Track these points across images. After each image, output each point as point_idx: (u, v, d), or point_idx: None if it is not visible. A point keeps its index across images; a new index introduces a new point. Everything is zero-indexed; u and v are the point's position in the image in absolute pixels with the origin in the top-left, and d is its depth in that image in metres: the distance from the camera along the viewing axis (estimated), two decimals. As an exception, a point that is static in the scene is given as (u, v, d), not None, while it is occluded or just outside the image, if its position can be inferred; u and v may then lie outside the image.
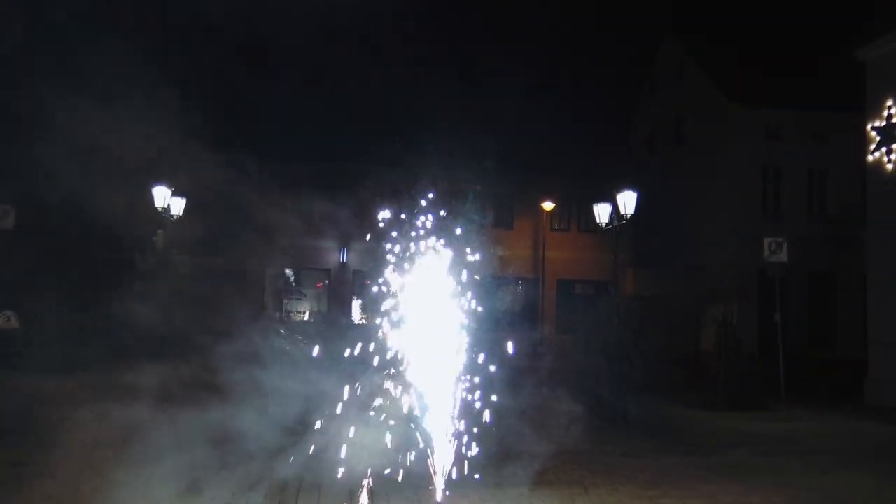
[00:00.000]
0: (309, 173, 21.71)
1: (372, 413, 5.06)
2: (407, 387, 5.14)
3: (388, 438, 5.01)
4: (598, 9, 62.24)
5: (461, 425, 5.26)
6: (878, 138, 15.48)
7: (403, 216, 5.36)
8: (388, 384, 5.15)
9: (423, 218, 5.34)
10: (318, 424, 5.16)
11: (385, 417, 5.08)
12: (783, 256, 15.42)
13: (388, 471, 5.08)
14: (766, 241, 15.65)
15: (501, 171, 24.17)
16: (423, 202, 5.33)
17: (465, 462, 5.31)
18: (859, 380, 15.27)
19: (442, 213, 5.35)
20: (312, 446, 5.17)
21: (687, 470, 8.14)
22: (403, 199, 5.40)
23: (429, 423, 5.16)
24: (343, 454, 4.87)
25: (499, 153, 23.74)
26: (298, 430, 6.15)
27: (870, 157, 15.75)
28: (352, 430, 4.89)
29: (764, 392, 13.79)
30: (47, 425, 9.42)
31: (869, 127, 15.73)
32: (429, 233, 5.31)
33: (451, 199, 5.49)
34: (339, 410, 4.93)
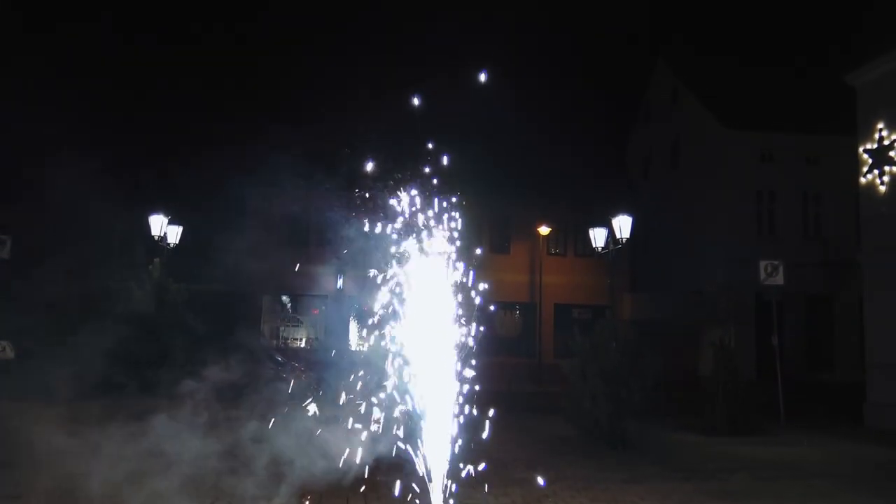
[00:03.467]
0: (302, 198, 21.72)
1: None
2: (405, 413, 5.14)
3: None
4: (594, 34, 62.99)
5: (459, 449, 5.24)
6: (870, 161, 15.61)
7: (398, 240, 5.38)
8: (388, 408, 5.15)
9: (419, 243, 5.36)
10: None
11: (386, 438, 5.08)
12: (780, 279, 15.41)
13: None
14: (763, 263, 15.65)
15: (498, 196, 24.30)
16: (419, 226, 5.36)
17: (464, 487, 5.28)
18: (858, 403, 15.23)
19: (439, 237, 5.37)
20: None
21: (687, 495, 8.07)
22: (399, 221, 5.43)
23: (427, 447, 5.14)
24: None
25: (495, 177, 23.87)
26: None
27: (862, 180, 15.87)
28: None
29: (763, 416, 13.72)
30: (41, 457, 9.32)
31: (861, 150, 15.87)
32: (425, 257, 5.33)
33: (447, 224, 5.50)
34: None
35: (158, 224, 18.10)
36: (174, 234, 18.76)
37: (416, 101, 5.33)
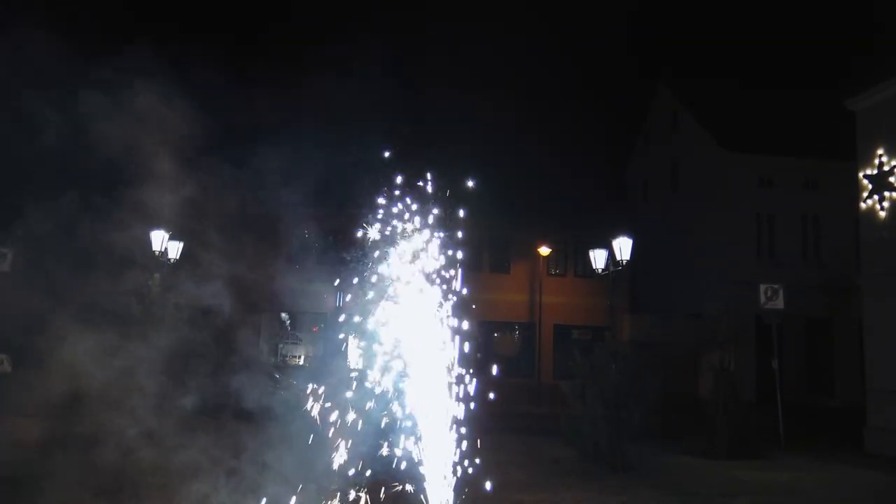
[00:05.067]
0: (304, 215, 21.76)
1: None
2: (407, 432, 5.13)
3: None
4: (595, 56, 63.51)
5: (458, 470, 5.22)
6: (870, 186, 15.66)
7: (398, 259, 5.40)
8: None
9: (417, 261, 5.38)
10: None
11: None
12: (780, 303, 15.42)
13: None
14: (763, 287, 15.67)
15: (498, 216, 24.32)
16: (420, 246, 5.38)
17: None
18: (858, 427, 15.15)
19: (438, 255, 5.39)
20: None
21: (686, 519, 8.03)
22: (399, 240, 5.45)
23: (427, 471, 5.12)
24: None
25: (495, 198, 23.91)
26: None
27: (862, 205, 15.90)
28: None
29: (762, 440, 13.66)
30: (42, 473, 9.28)
31: (861, 175, 15.92)
32: (423, 276, 5.34)
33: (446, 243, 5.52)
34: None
35: (159, 239, 18.08)
36: (175, 249, 18.74)
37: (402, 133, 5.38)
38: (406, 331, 5.28)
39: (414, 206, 5.44)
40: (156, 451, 7.03)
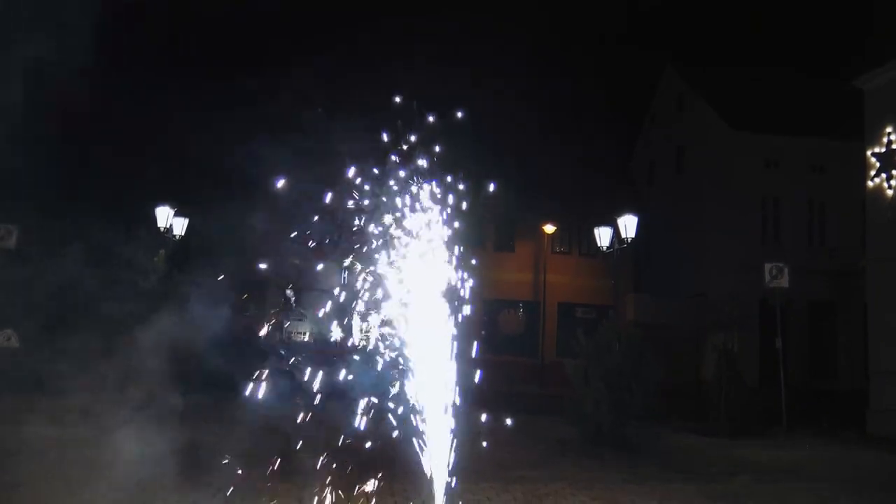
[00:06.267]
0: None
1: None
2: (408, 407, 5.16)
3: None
4: (601, 36, 62.90)
5: (459, 447, 5.25)
6: (877, 165, 15.58)
7: (403, 232, 5.37)
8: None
9: (424, 235, 5.35)
10: None
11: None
12: (784, 282, 15.38)
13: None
14: (767, 266, 15.63)
15: (503, 194, 24.23)
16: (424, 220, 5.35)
17: (465, 485, 5.29)
18: (861, 409, 15.20)
19: (444, 233, 5.36)
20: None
21: (688, 497, 8.07)
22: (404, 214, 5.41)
23: (428, 446, 5.14)
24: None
25: (501, 176, 23.77)
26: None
27: (870, 184, 15.83)
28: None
29: (765, 421, 13.71)
30: (45, 446, 9.37)
31: (869, 153, 15.83)
32: (431, 251, 5.32)
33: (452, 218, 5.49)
34: None
35: (164, 216, 18.14)
36: (180, 225, 18.79)
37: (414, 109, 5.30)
38: (410, 298, 5.28)
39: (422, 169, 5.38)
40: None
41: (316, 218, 5.35)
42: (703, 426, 13.45)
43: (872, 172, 15.70)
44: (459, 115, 5.39)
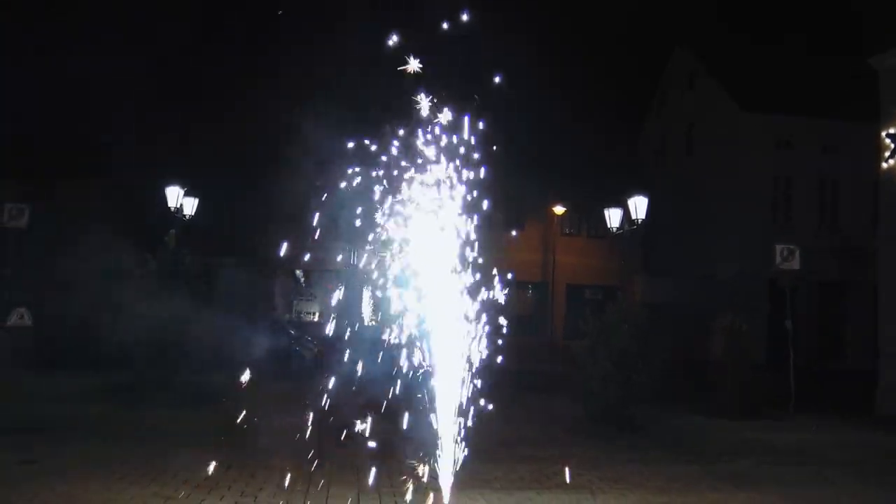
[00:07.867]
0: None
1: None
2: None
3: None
4: (611, 17, 62.14)
5: (470, 426, 5.30)
6: (892, 146, 15.42)
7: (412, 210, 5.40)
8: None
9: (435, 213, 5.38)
10: None
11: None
12: (795, 264, 15.24)
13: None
14: (778, 248, 15.48)
15: (512, 174, 24.17)
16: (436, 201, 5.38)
17: (473, 463, 5.35)
18: (869, 390, 15.17)
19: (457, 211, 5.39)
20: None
21: (694, 477, 8.12)
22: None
23: (438, 422, 5.20)
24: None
25: (510, 155, 23.67)
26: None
27: (884, 165, 15.67)
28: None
29: (773, 401, 13.71)
30: (57, 422, 9.52)
31: (883, 134, 15.65)
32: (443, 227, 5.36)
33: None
34: None
35: (174, 195, 18.18)
36: (190, 205, 18.84)
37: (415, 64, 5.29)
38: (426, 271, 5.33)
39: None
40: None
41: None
42: (711, 406, 13.47)
43: (887, 153, 15.53)
44: (497, 79, 5.42)
